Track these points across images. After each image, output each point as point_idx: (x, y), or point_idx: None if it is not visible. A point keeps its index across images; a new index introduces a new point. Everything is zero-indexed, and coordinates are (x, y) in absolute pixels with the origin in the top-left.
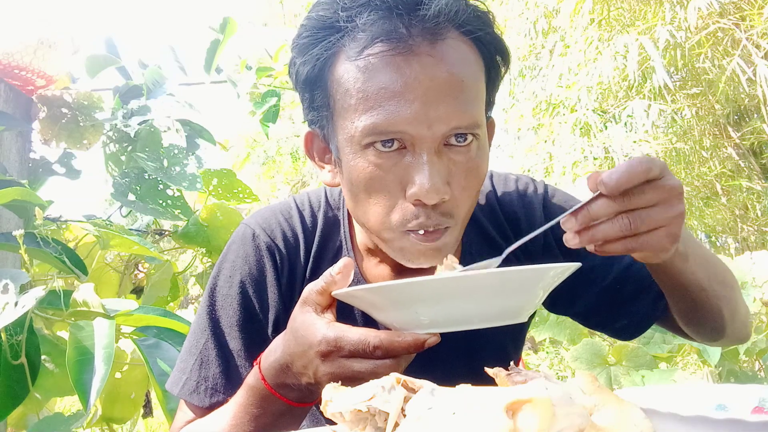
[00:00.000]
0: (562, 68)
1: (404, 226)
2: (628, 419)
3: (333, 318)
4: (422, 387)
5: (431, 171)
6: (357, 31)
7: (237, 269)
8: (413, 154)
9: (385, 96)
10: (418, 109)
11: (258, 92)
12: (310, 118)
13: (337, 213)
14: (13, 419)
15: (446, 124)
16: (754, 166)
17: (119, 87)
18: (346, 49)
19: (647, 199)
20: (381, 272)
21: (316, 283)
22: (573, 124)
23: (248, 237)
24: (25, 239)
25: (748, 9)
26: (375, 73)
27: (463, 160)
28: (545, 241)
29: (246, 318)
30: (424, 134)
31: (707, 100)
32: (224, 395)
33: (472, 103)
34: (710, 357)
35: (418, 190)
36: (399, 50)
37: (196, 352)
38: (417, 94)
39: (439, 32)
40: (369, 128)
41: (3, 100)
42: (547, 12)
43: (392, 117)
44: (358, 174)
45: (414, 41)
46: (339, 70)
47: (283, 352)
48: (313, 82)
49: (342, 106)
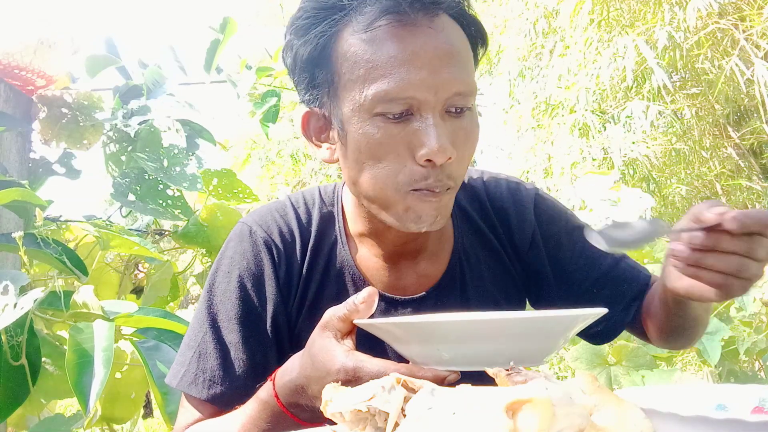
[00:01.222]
0: (562, 69)
1: (411, 186)
2: (628, 419)
3: (353, 346)
4: (422, 387)
5: (439, 132)
6: (364, 6)
7: (235, 265)
8: (420, 118)
9: (394, 64)
10: (426, 75)
11: (258, 92)
12: (308, 97)
13: (331, 209)
14: (13, 420)
15: (450, 89)
16: (754, 166)
17: (119, 87)
18: (352, 25)
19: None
20: (376, 263)
21: (338, 309)
22: (572, 125)
23: (245, 234)
24: (25, 240)
25: (748, 9)
26: (383, 44)
27: (461, 126)
28: (533, 239)
29: (244, 312)
30: (430, 99)
31: (707, 100)
32: (222, 387)
33: (469, 73)
34: (710, 357)
35: (429, 151)
36: (404, 24)
37: (194, 345)
38: (423, 61)
39: (435, 10)
40: (380, 95)
41: (3, 100)
42: (547, 12)
43: (402, 83)
44: (368, 140)
45: (416, 15)
46: (344, 45)
47: (299, 374)
48: (315, 60)
49: (349, 78)
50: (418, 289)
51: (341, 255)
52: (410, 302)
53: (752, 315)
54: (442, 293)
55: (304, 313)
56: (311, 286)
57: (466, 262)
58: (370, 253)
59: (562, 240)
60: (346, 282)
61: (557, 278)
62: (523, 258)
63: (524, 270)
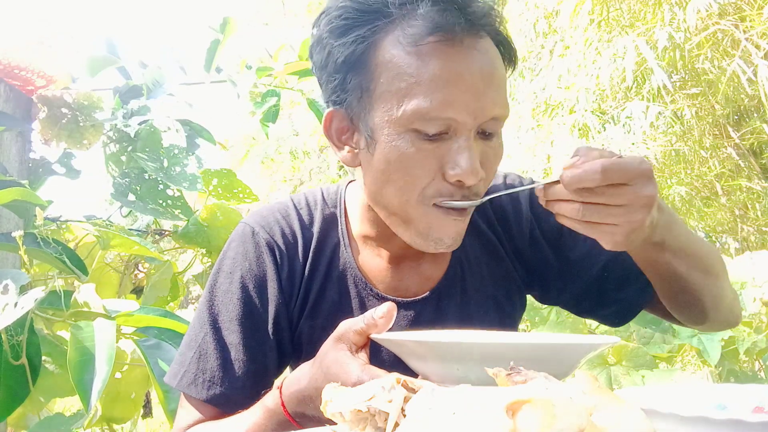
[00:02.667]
0: (562, 69)
1: (435, 199)
2: (628, 419)
3: (367, 359)
4: (422, 387)
5: (471, 154)
6: (413, 19)
7: (237, 265)
8: (455, 138)
9: (438, 83)
10: (468, 98)
11: (258, 92)
12: (335, 98)
13: (334, 210)
14: (13, 419)
15: (489, 113)
16: (754, 166)
17: (119, 87)
18: (396, 34)
19: (604, 199)
20: (378, 264)
21: (355, 322)
22: (572, 125)
23: (248, 234)
24: (25, 239)
25: (748, 9)
26: (430, 61)
27: (491, 147)
28: (531, 235)
29: (246, 313)
30: (468, 121)
31: (707, 100)
32: (222, 388)
33: (505, 96)
34: (710, 357)
35: (461, 172)
36: (452, 43)
37: (195, 345)
38: (467, 84)
39: (481, 30)
40: (420, 112)
41: (3, 100)
42: (547, 13)
43: (443, 103)
44: (399, 154)
45: (463, 35)
46: (386, 54)
47: (309, 385)
48: (352, 63)
49: (386, 89)
50: (419, 290)
51: (343, 257)
52: (412, 304)
53: (752, 315)
54: (443, 294)
55: (306, 315)
56: (313, 287)
57: (467, 263)
58: (373, 255)
59: (563, 230)
60: (348, 284)
61: (563, 269)
62: (524, 255)
63: (526, 267)
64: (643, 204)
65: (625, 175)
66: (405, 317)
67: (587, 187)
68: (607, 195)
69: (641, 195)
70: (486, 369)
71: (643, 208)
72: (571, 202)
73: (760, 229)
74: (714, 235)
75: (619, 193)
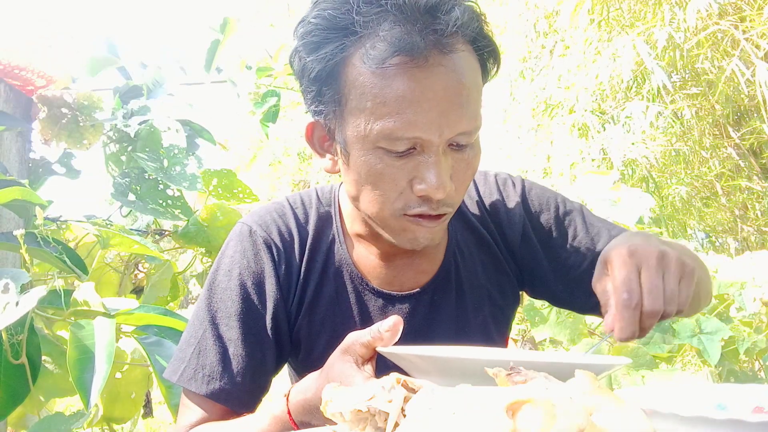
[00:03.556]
0: (562, 69)
1: (405, 211)
2: (628, 419)
3: (372, 372)
4: (422, 387)
5: (439, 170)
6: (376, 39)
7: (236, 263)
8: (422, 154)
9: (403, 104)
10: (433, 117)
11: (258, 92)
12: (314, 109)
13: (328, 209)
14: (13, 419)
15: (454, 129)
16: (754, 166)
17: (119, 87)
18: (363, 53)
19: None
20: (373, 261)
21: (361, 334)
22: (571, 125)
23: (245, 233)
24: (25, 239)
25: (748, 9)
26: (393, 82)
27: (463, 157)
28: (524, 232)
29: (244, 309)
30: (434, 139)
31: (707, 100)
32: (221, 382)
33: (476, 110)
34: (710, 357)
35: (427, 187)
36: (416, 62)
37: (194, 342)
38: (432, 103)
39: (450, 44)
40: (385, 132)
41: (3, 100)
42: (547, 13)
43: (408, 123)
44: (368, 169)
45: (429, 53)
46: (354, 72)
47: (315, 396)
48: (324, 79)
49: (356, 106)
50: (414, 284)
51: (339, 253)
52: (407, 298)
53: (752, 315)
54: (438, 289)
55: (303, 311)
56: (310, 284)
57: (461, 258)
58: (367, 251)
59: (553, 228)
60: (344, 279)
61: (553, 266)
62: (516, 252)
63: (518, 264)
64: (657, 260)
65: (627, 275)
66: (400, 311)
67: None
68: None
69: (650, 254)
70: (486, 369)
71: (661, 261)
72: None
73: (760, 229)
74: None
75: (648, 278)
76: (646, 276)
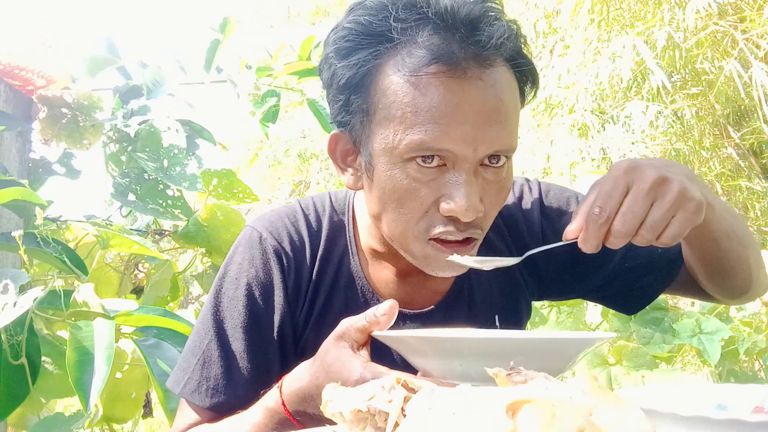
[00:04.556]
0: (562, 69)
1: (429, 234)
2: (628, 419)
3: (368, 357)
4: (422, 387)
5: (469, 190)
6: (414, 47)
7: (243, 272)
8: (452, 171)
9: (436, 115)
10: (467, 131)
11: (258, 92)
12: (340, 119)
13: (342, 217)
14: (13, 419)
15: (490, 147)
16: (754, 166)
17: (119, 87)
18: (398, 61)
19: (646, 201)
20: (386, 276)
21: (356, 319)
22: (571, 125)
23: (255, 240)
24: (25, 239)
25: (747, 9)
26: (428, 91)
27: (496, 179)
28: (544, 237)
29: (251, 320)
30: (468, 155)
31: (707, 100)
32: (225, 396)
33: (513, 129)
34: (710, 357)
35: (456, 208)
36: (454, 73)
37: (198, 352)
38: (467, 116)
39: (490, 58)
40: (416, 143)
41: (3, 100)
42: (547, 13)
43: (441, 135)
44: (394, 184)
45: (468, 64)
46: (386, 81)
47: (310, 383)
48: (354, 86)
49: (385, 115)
50: (426, 302)
51: (351, 266)
52: (418, 316)
53: (752, 315)
54: (450, 307)
55: (312, 324)
56: (319, 296)
57: (474, 275)
58: (380, 266)
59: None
60: (355, 294)
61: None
62: (537, 263)
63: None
64: (656, 185)
65: (610, 186)
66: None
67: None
68: (631, 207)
69: (648, 178)
70: (486, 369)
71: (661, 185)
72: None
73: (760, 229)
74: None
75: (635, 199)
76: (630, 196)
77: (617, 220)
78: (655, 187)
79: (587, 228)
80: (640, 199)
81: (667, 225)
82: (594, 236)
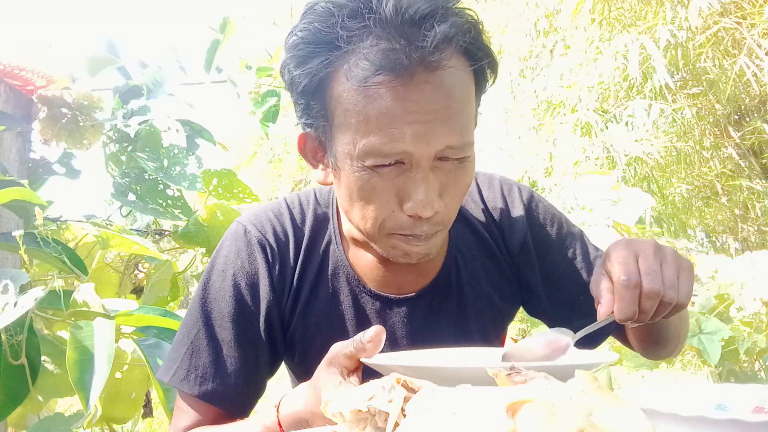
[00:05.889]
0: (563, 68)
1: (396, 231)
2: (628, 419)
3: (358, 383)
4: (422, 387)
5: (426, 187)
6: (359, 57)
7: (230, 263)
8: (410, 169)
9: (386, 120)
10: (418, 129)
11: (258, 92)
12: (304, 122)
13: (326, 210)
14: (13, 419)
15: (443, 141)
16: (755, 166)
17: (119, 87)
18: (346, 70)
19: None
20: (370, 262)
21: (345, 345)
22: (574, 124)
23: (240, 233)
24: (25, 239)
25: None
26: (376, 100)
27: (455, 172)
28: (524, 241)
29: (238, 310)
30: (422, 152)
31: (708, 99)
32: (213, 384)
33: (465, 124)
34: (710, 357)
35: (414, 205)
36: (400, 80)
37: (187, 342)
38: (417, 116)
39: (437, 60)
40: (371, 149)
41: (3, 100)
42: (548, 12)
43: (393, 140)
44: (360, 185)
45: (414, 70)
46: (338, 89)
47: (304, 408)
48: (311, 93)
49: (342, 122)
50: (413, 287)
51: (335, 255)
52: (405, 301)
53: (752, 315)
54: (437, 292)
55: (298, 313)
56: (305, 285)
57: (462, 261)
58: (364, 253)
59: (553, 245)
60: (340, 281)
61: (545, 282)
62: (514, 260)
63: (515, 273)
64: (654, 252)
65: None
66: (398, 314)
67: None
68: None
69: (646, 250)
70: (486, 369)
71: (655, 253)
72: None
73: (760, 229)
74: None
75: (647, 271)
76: (643, 261)
77: (644, 281)
78: (656, 252)
79: (621, 298)
80: (653, 262)
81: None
82: (629, 302)
